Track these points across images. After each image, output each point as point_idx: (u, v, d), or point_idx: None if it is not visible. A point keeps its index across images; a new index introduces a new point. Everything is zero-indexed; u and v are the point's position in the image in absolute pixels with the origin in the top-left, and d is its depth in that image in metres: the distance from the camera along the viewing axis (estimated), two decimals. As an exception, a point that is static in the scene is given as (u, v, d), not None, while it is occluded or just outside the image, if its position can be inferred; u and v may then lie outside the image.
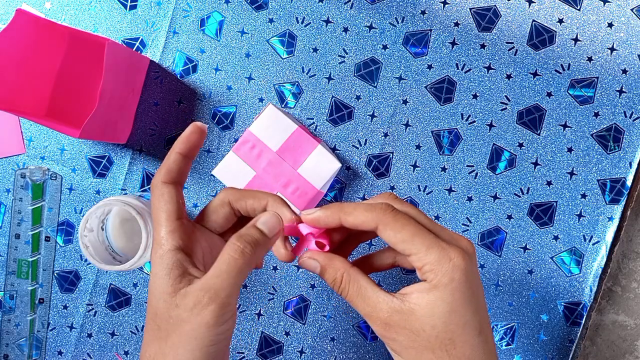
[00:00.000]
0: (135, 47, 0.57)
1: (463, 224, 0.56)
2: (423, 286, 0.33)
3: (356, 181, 0.56)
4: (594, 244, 0.55)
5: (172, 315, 0.32)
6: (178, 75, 0.57)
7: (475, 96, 0.55)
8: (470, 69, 0.55)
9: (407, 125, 0.56)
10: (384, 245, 0.52)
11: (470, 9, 0.55)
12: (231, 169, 0.52)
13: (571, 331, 0.55)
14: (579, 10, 0.54)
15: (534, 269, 0.56)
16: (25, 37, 0.50)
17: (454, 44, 0.55)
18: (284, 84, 0.56)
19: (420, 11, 0.55)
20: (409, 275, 0.57)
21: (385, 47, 0.56)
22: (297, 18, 0.56)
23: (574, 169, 0.55)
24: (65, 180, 0.58)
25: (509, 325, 0.56)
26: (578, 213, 0.55)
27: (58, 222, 0.58)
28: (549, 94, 0.55)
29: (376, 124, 0.56)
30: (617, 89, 0.54)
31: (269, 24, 0.56)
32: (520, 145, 0.55)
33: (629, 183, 0.55)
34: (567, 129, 0.55)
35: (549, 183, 0.55)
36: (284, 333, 0.57)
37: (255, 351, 0.58)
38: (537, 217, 0.55)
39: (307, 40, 0.56)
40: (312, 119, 0.56)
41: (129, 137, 0.57)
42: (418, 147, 0.56)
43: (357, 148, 0.56)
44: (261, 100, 0.57)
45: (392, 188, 0.56)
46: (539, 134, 0.55)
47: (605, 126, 0.55)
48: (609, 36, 0.54)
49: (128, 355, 0.58)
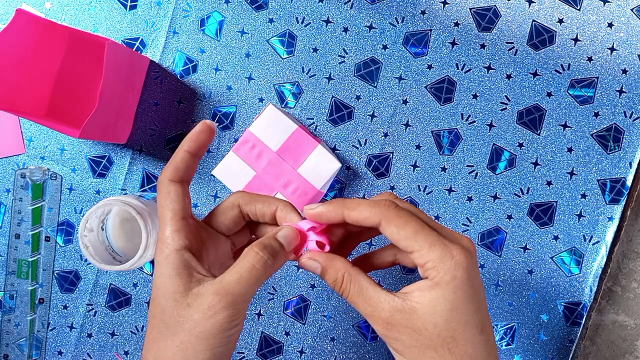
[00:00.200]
0: (135, 47, 0.57)
1: (463, 224, 0.56)
2: (425, 284, 0.33)
3: (356, 181, 0.56)
4: (594, 244, 0.55)
5: (182, 315, 0.32)
6: (178, 75, 0.57)
7: (475, 96, 0.55)
8: (470, 69, 0.55)
9: (407, 125, 0.56)
10: (385, 243, 0.52)
11: (470, 9, 0.55)
12: (231, 169, 0.52)
13: (571, 331, 0.55)
14: (579, 10, 0.54)
15: (534, 269, 0.56)
16: (25, 37, 0.50)
17: (454, 44, 0.55)
18: (284, 84, 0.56)
19: (420, 11, 0.55)
20: (409, 275, 0.57)
21: (385, 47, 0.56)
22: (297, 18, 0.56)
23: (574, 169, 0.55)
24: (65, 180, 0.58)
25: (509, 325, 0.56)
26: (578, 213, 0.55)
27: (58, 222, 0.58)
28: (549, 94, 0.55)
29: (376, 124, 0.56)
30: (617, 89, 0.54)
31: (269, 24, 0.56)
32: (520, 145, 0.55)
33: (629, 183, 0.55)
34: (567, 129, 0.55)
35: (549, 183, 0.55)
36: (284, 333, 0.57)
37: (255, 351, 0.58)
38: (537, 217, 0.55)
39: (307, 40, 0.56)
40: (312, 119, 0.56)
41: (129, 137, 0.57)
42: (418, 147, 0.56)
43: (357, 148, 0.56)
44: (261, 100, 0.57)
45: (392, 188, 0.56)
46: (539, 134, 0.55)
47: (605, 126, 0.55)
48: (609, 36, 0.54)
49: (128, 355, 0.58)
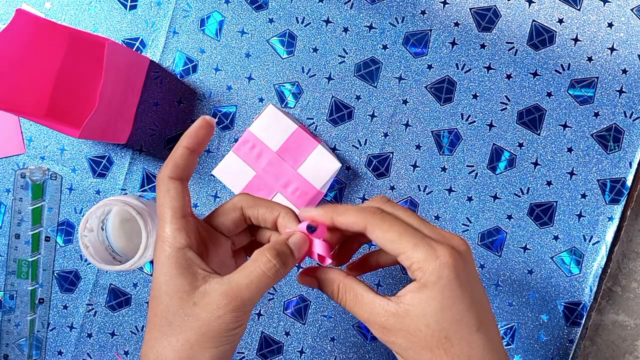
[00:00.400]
0: (135, 47, 0.57)
1: (463, 224, 0.56)
2: (414, 286, 0.33)
3: (356, 181, 0.56)
4: (594, 244, 0.55)
5: (187, 313, 0.32)
6: (178, 75, 0.57)
7: (475, 96, 0.55)
8: (470, 69, 0.55)
9: (407, 125, 0.56)
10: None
11: (470, 9, 0.55)
12: (231, 169, 0.52)
13: (571, 331, 0.55)
14: (579, 10, 0.54)
15: (534, 269, 0.56)
16: (25, 37, 0.50)
17: (454, 44, 0.55)
18: (284, 84, 0.56)
19: (420, 11, 0.55)
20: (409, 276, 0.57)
21: (385, 47, 0.56)
22: (297, 18, 0.56)
23: (574, 169, 0.55)
24: (65, 180, 0.58)
25: (509, 325, 0.56)
26: (578, 213, 0.55)
27: (58, 222, 0.58)
28: (549, 94, 0.55)
29: (376, 124, 0.56)
30: (617, 89, 0.54)
31: (269, 24, 0.56)
32: (520, 145, 0.55)
33: (629, 183, 0.55)
34: (567, 129, 0.55)
35: (549, 183, 0.55)
36: (284, 333, 0.57)
37: (255, 351, 0.58)
38: (537, 217, 0.55)
39: (307, 40, 0.56)
40: (312, 119, 0.56)
41: (129, 137, 0.57)
42: (418, 147, 0.56)
43: (357, 148, 0.56)
44: (261, 100, 0.57)
45: (392, 188, 0.56)
46: (539, 134, 0.55)
47: (605, 126, 0.55)
48: (609, 36, 0.54)
49: (128, 355, 0.58)
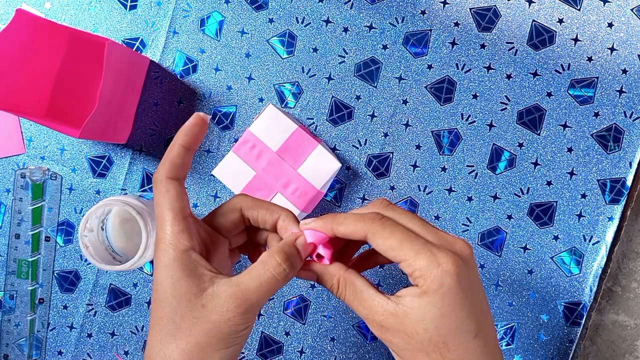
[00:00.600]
0: (135, 47, 0.57)
1: (463, 224, 0.56)
2: (415, 290, 0.33)
3: (356, 181, 0.56)
4: (594, 244, 0.55)
5: (196, 316, 0.32)
6: (178, 75, 0.57)
7: (475, 96, 0.55)
8: (470, 69, 0.55)
9: (407, 125, 0.56)
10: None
11: (470, 9, 0.55)
12: (231, 169, 0.52)
13: (571, 331, 0.55)
14: (579, 10, 0.54)
15: (534, 269, 0.56)
16: (25, 37, 0.50)
17: (454, 44, 0.55)
18: (284, 84, 0.56)
19: (420, 11, 0.55)
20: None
21: (385, 47, 0.56)
22: (297, 18, 0.56)
23: (574, 169, 0.55)
24: (65, 180, 0.58)
25: (509, 325, 0.56)
26: (578, 213, 0.55)
27: (58, 222, 0.58)
28: (549, 94, 0.55)
29: (376, 124, 0.56)
30: (617, 89, 0.54)
31: (269, 24, 0.56)
32: (520, 145, 0.55)
33: (629, 183, 0.55)
34: (567, 129, 0.55)
35: (549, 183, 0.55)
36: (284, 333, 0.57)
37: (255, 351, 0.58)
38: (537, 217, 0.55)
39: (307, 40, 0.56)
40: (312, 119, 0.56)
41: (129, 137, 0.57)
42: (418, 147, 0.56)
43: (357, 148, 0.56)
44: (261, 100, 0.57)
45: (392, 188, 0.56)
46: (539, 134, 0.55)
47: (605, 126, 0.55)
48: (609, 36, 0.54)
49: (128, 355, 0.58)
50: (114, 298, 0.58)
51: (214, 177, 0.56)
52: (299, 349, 0.57)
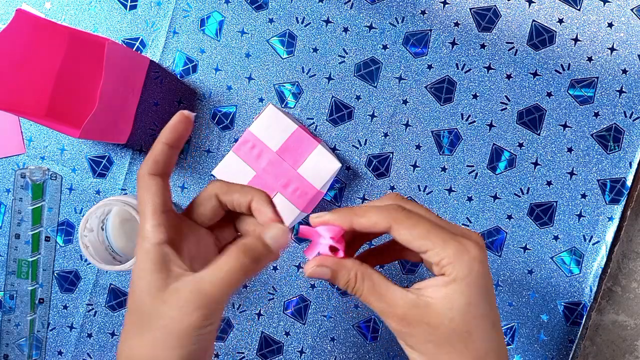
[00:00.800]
0: (135, 47, 0.57)
1: (463, 224, 0.56)
2: (441, 280, 0.33)
3: (356, 181, 0.56)
4: (594, 244, 0.55)
5: (157, 311, 0.32)
6: (178, 75, 0.57)
7: (475, 96, 0.55)
8: (470, 69, 0.55)
9: (407, 125, 0.56)
10: (387, 238, 0.52)
11: (470, 9, 0.55)
12: (231, 169, 0.52)
13: (571, 331, 0.55)
14: (579, 10, 0.54)
15: (534, 269, 0.56)
16: (25, 37, 0.50)
17: (454, 44, 0.55)
18: (284, 84, 0.56)
19: (420, 11, 0.55)
20: (409, 275, 0.57)
21: (385, 47, 0.56)
22: (297, 18, 0.56)
23: (574, 169, 0.55)
24: (65, 180, 0.58)
25: (509, 325, 0.56)
26: (578, 213, 0.55)
27: (58, 222, 0.58)
28: (549, 94, 0.55)
29: (376, 124, 0.56)
30: (617, 89, 0.54)
31: (269, 24, 0.56)
32: (520, 145, 0.55)
33: (629, 183, 0.55)
34: (567, 129, 0.55)
35: (549, 183, 0.55)
36: (284, 333, 0.57)
37: (255, 351, 0.58)
38: (537, 217, 0.55)
39: (307, 40, 0.56)
40: (312, 119, 0.56)
41: (129, 137, 0.57)
42: (418, 147, 0.56)
43: (357, 148, 0.56)
44: (261, 100, 0.57)
45: (392, 188, 0.56)
46: (539, 134, 0.55)
47: (605, 126, 0.55)
48: (609, 36, 0.54)
49: (128, 355, 0.58)
50: (114, 298, 0.58)
51: (214, 177, 0.56)
52: (299, 349, 0.57)
